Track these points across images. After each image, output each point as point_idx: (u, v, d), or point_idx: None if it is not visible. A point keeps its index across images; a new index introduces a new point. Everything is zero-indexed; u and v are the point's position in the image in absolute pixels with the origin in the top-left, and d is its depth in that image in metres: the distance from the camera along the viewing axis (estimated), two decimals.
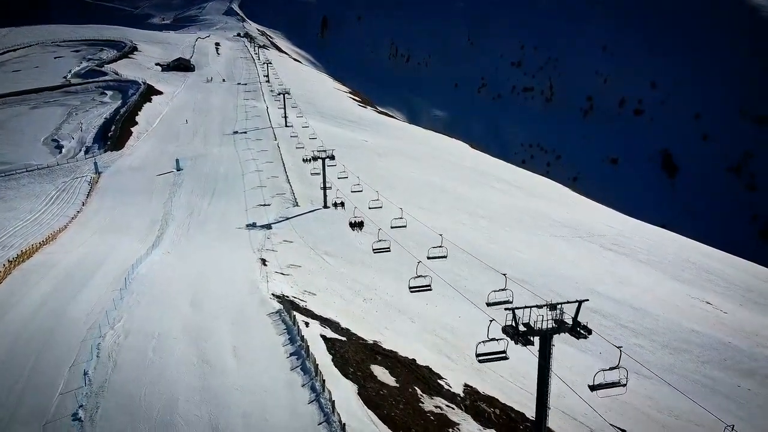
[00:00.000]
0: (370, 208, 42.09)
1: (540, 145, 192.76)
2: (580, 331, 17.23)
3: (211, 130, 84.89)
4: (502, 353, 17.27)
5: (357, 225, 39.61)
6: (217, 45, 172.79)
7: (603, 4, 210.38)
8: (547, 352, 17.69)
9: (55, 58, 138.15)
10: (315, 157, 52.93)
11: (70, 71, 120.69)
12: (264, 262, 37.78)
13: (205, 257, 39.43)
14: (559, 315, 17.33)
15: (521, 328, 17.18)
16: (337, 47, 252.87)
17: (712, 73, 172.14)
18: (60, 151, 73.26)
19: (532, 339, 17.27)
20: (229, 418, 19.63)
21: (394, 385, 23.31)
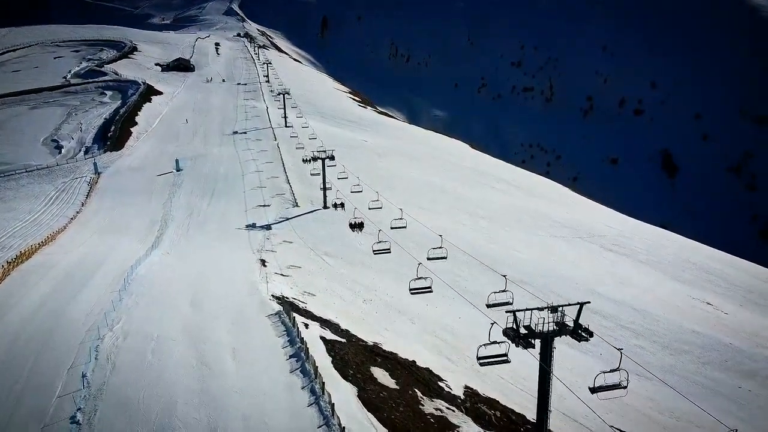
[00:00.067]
0: (369, 209, 41.99)
1: (540, 145, 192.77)
2: (581, 333, 17.17)
3: (210, 130, 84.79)
4: (504, 356, 17.16)
5: (357, 226, 39.54)
6: (216, 45, 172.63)
7: (603, 4, 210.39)
8: (548, 355, 17.62)
9: (54, 58, 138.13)
10: (315, 158, 52.82)
11: (69, 71, 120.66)
12: (264, 263, 37.68)
13: (205, 258, 39.29)
14: (560, 317, 17.25)
15: (522, 330, 17.09)
16: (337, 47, 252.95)
17: (712, 73, 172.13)
18: (59, 152, 73.13)
19: (533, 342, 17.19)
20: (228, 421, 19.52)
21: (394, 388, 23.21)
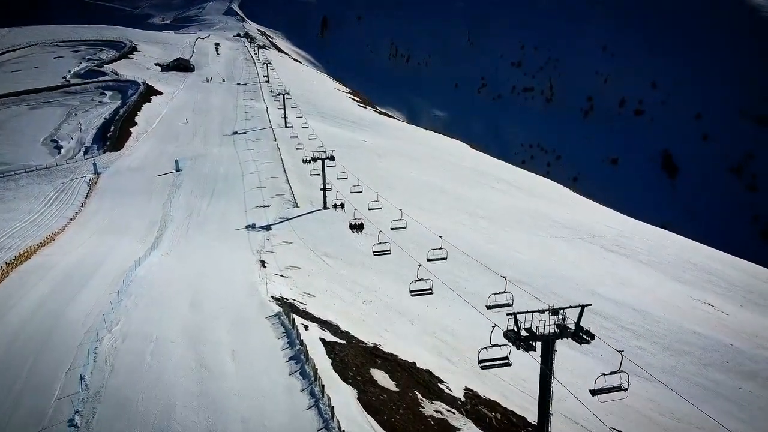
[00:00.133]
0: (369, 209, 41.89)
1: (540, 146, 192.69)
2: (582, 336, 17.09)
3: (210, 130, 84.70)
4: (505, 359, 17.07)
5: (357, 227, 39.50)
6: (216, 45, 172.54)
7: (603, 4, 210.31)
8: (549, 358, 17.53)
9: (54, 58, 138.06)
10: (315, 158, 52.73)
11: (69, 71, 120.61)
12: (263, 264, 37.56)
13: (204, 259, 39.17)
14: (561, 320, 17.16)
15: (523, 333, 17.00)
16: (337, 47, 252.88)
17: (712, 73, 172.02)
18: (59, 152, 73.05)
19: (534, 344, 17.10)
20: (227, 423, 19.37)
21: (394, 390, 23.09)
